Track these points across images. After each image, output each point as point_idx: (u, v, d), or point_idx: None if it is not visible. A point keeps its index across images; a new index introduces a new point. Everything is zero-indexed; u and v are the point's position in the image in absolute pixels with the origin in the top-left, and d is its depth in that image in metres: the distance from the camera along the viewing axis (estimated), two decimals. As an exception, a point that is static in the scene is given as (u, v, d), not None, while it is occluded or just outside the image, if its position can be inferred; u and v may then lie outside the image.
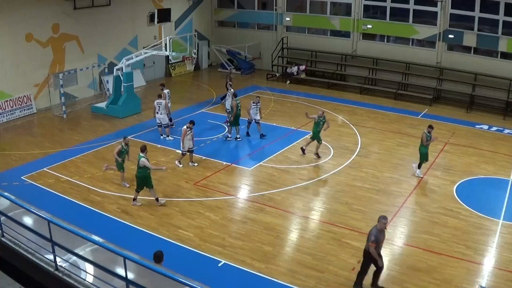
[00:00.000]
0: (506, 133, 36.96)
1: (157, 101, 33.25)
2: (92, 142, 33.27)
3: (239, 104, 33.36)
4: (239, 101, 33.59)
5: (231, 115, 33.25)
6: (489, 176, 29.17)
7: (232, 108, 32.87)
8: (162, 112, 33.40)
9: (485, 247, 21.89)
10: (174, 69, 53.35)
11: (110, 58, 45.76)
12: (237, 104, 33.11)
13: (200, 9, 56.24)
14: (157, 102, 33.18)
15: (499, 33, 42.35)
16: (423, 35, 46.68)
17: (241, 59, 55.31)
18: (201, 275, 17.81)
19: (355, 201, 25.83)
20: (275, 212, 24.51)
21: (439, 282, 19.32)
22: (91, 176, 28.15)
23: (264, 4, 56.22)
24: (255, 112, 33.92)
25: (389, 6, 47.74)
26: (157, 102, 33.20)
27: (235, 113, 32.97)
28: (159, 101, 33.17)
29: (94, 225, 21.60)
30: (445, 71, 45.52)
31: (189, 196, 26.03)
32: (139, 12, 48.08)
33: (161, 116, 33.59)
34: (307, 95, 45.77)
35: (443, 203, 25.74)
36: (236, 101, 33.25)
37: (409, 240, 22.55)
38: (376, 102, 44.11)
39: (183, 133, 29.24)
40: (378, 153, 32.11)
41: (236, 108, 32.94)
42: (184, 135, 29.16)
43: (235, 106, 32.94)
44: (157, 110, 33.21)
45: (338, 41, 51.74)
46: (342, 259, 20.79)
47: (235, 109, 32.84)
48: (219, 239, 22.01)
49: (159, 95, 33.80)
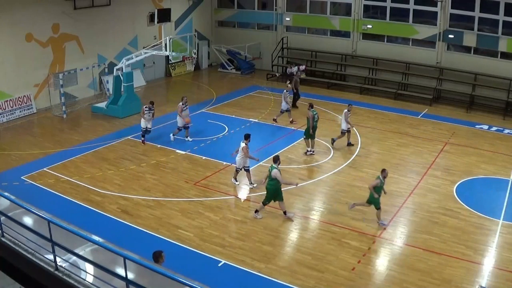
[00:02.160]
0: (506, 133, 36.97)
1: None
2: (92, 142, 33.27)
3: (316, 116, 31.58)
4: (316, 112, 31.74)
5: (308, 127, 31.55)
6: (489, 176, 29.18)
7: (308, 120, 31.25)
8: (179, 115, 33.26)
9: (485, 247, 21.89)
10: (174, 69, 53.34)
11: (110, 58, 45.77)
12: (313, 115, 31.22)
13: (200, 9, 56.22)
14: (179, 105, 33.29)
15: (499, 33, 42.38)
16: (423, 35, 46.68)
17: (241, 59, 55.30)
18: (201, 275, 17.83)
19: (355, 201, 25.76)
20: (275, 212, 24.47)
21: (438, 282, 19.33)
22: (91, 176, 28.14)
23: (264, 4, 56.25)
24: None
25: (389, 6, 47.76)
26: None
27: (312, 125, 31.25)
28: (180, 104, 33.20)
29: (94, 225, 21.61)
30: (445, 71, 45.55)
31: (189, 196, 26.04)
32: (139, 12, 48.08)
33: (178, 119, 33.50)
34: (307, 95, 45.67)
35: (443, 203, 25.75)
36: (312, 112, 31.37)
37: (409, 240, 22.55)
38: (376, 102, 44.13)
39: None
40: (378, 153, 32.12)
41: (313, 120, 31.13)
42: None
43: (312, 117, 31.02)
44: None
45: (338, 41, 51.75)
46: (342, 259, 20.80)
47: (312, 121, 31.10)
48: (219, 239, 22.02)
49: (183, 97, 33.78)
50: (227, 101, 43.41)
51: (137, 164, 29.83)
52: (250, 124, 37.14)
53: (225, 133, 35.25)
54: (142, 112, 32.23)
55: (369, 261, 20.85)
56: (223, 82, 52.19)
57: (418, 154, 32.40)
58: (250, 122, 37.55)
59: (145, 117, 31.77)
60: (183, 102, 32.69)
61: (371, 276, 20.01)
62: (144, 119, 32.21)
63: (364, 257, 21.03)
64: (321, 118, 37.16)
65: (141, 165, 29.72)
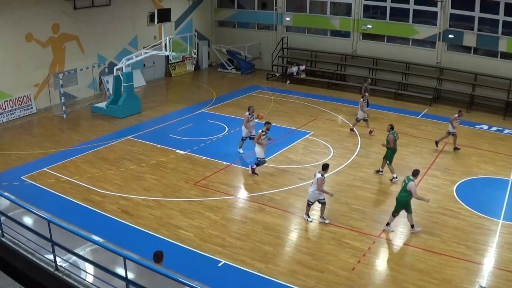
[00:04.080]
0: (506, 133, 37.00)
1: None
2: (92, 142, 33.26)
3: (397, 137, 29.00)
4: (396, 134, 29.00)
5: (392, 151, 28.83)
6: (489, 176, 29.19)
7: (389, 142, 28.54)
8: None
9: (485, 247, 21.90)
10: (174, 69, 53.33)
11: (110, 58, 45.75)
12: (394, 138, 28.60)
13: (200, 9, 56.23)
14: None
15: (499, 33, 42.41)
16: (423, 35, 46.70)
17: (241, 59, 55.33)
18: (201, 275, 17.85)
19: (355, 201, 25.86)
20: (275, 212, 24.55)
21: (438, 282, 19.34)
22: (91, 176, 28.13)
23: (264, 4, 56.21)
24: None
25: (389, 6, 47.80)
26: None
27: (392, 147, 28.67)
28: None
29: (94, 225, 21.61)
30: (445, 71, 45.60)
31: (189, 196, 26.03)
32: (139, 12, 48.07)
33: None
34: (307, 95, 45.81)
35: (443, 203, 25.77)
36: (393, 134, 28.63)
37: (409, 240, 22.55)
38: (376, 102, 43.99)
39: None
40: (378, 153, 32.00)
41: (394, 143, 28.64)
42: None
43: (393, 141, 28.49)
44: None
45: (338, 41, 51.80)
46: (342, 259, 20.81)
47: (392, 143, 28.52)
48: (219, 239, 22.01)
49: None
50: (227, 101, 43.40)
51: (137, 164, 29.83)
52: (250, 124, 37.10)
53: (225, 133, 35.24)
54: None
55: (369, 261, 20.84)
56: (223, 82, 52.20)
57: (418, 154, 32.41)
58: (250, 122, 37.51)
59: (250, 125, 31.06)
60: (250, 112, 31.51)
61: (371, 276, 20.02)
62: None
63: (364, 257, 21.03)
64: (321, 118, 37.31)
65: (141, 165, 29.71)
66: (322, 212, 23.85)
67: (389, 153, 28.57)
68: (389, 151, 28.55)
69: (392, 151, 28.52)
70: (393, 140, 28.29)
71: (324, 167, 23.49)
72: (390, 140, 28.25)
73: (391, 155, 28.59)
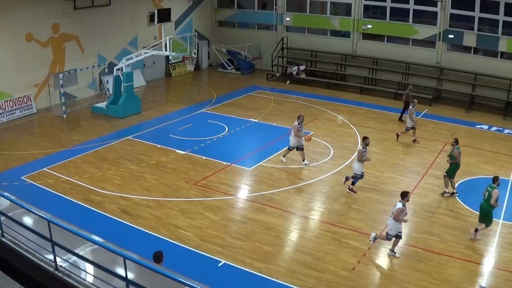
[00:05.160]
0: (506, 133, 36.98)
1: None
2: (92, 142, 33.26)
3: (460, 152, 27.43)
4: (460, 149, 27.35)
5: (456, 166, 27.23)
6: (489, 176, 29.05)
7: (455, 157, 26.88)
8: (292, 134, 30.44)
9: (485, 247, 21.91)
10: (174, 69, 53.30)
11: (110, 58, 45.74)
12: (460, 153, 27.07)
13: (200, 9, 56.20)
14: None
15: (499, 33, 42.41)
16: (423, 35, 46.69)
17: (241, 59, 55.32)
18: (201, 275, 17.88)
19: (355, 201, 25.87)
20: (275, 212, 24.57)
21: (439, 282, 19.36)
22: (91, 176, 28.13)
23: (264, 4, 56.18)
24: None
25: (389, 6, 47.78)
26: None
27: (458, 162, 27.15)
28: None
29: (94, 225, 21.60)
30: (445, 71, 45.59)
31: (189, 196, 26.04)
32: (139, 12, 48.05)
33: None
34: (307, 95, 45.82)
35: (443, 203, 25.82)
36: (458, 149, 27.03)
37: (409, 240, 22.54)
38: (376, 102, 44.13)
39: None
40: (378, 153, 32.09)
41: (459, 157, 27.04)
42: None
43: (458, 155, 26.91)
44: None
45: (338, 41, 51.77)
46: (342, 259, 20.82)
47: (458, 158, 27.01)
48: (219, 239, 22.02)
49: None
50: (227, 101, 43.39)
51: (137, 164, 29.84)
52: (250, 124, 37.15)
53: (225, 133, 35.23)
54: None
55: (369, 261, 20.88)
56: (223, 82, 52.21)
57: (418, 154, 32.42)
58: (250, 122, 37.57)
59: (300, 134, 30.02)
60: (299, 122, 29.93)
61: (371, 276, 20.05)
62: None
63: (364, 257, 21.05)
64: (321, 118, 37.33)
65: (141, 165, 29.72)
66: (394, 246, 21.51)
67: (453, 168, 26.99)
68: (453, 166, 26.99)
69: (456, 166, 26.99)
70: (459, 155, 26.74)
71: (403, 195, 21.15)
72: (455, 155, 26.70)
73: (455, 170, 27.03)
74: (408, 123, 34.49)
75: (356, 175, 26.79)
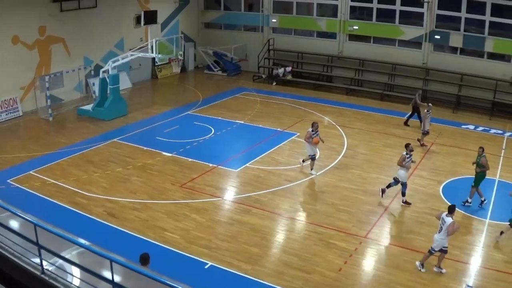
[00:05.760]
0: (492, 133, 37.24)
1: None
2: (78, 144, 33.14)
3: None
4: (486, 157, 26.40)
5: (483, 174, 26.16)
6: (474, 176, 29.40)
7: (483, 165, 25.87)
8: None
9: (471, 247, 22.04)
10: (161, 71, 53.21)
11: (96, 61, 45.59)
12: (487, 161, 26.10)
13: (186, 11, 56.15)
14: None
15: (485, 34, 42.67)
16: (409, 36, 46.89)
17: (227, 61, 55.32)
18: (188, 277, 17.90)
19: (341, 202, 25.93)
20: (261, 213, 24.57)
21: (426, 282, 19.46)
22: (77, 179, 28.05)
23: (251, 5, 56.29)
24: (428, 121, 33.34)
25: (376, 7, 48.01)
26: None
27: (487, 169, 26.17)
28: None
29: (80, 228, 21.52)
30: (432, 71, 45.84)
31: (175, 198, 26.02)
32: (126, 14, 47.91)
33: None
34: (293, 97, 45.89)
35: (429, 203, 25.92)
36: (484, 157, 26.07)
37: (396, 240, 22.69)
38: (362, 103, 44.27)
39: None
40: (364, 154, 32.22)
41: (487, 164, 25.99)
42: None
43: (486, 163, 25.93)
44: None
45: (324, 42, 51.91)
46: (328, 260, 20.87)
47: (487, 166, 26.00)
48: (206, 241, 22.01)
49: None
50: (213, 103, 43.39)
51: (123, 166, 29.79)
52: (236, 126, 37.17)
53: (211, 135, 35.21)
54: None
55: (355, 262, 20.91)
56: (209, 84, 52.18)
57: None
58: (236, 124, 37.58)
59: (310, 140, 29.04)
60: (314, 129, 29.09)
61: (358, 276, 20.09)
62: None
63: (350, 258, 21.10)
64: (307, 119, 37.37)
65: (127, 167, 29.68)
66: (439, 261, 20.42)
67: (480, 176, 26.02)
68: (480, 175, 26.02)
69: (483, 174, 26.01)
70: (487, 162, 25.81)
71: (451, 210, 20.28)
72: (484, 163, 25.77)
73: (481, 179, 26.05)
74: (426, 127, 34.23)
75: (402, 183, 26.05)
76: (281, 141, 34.22)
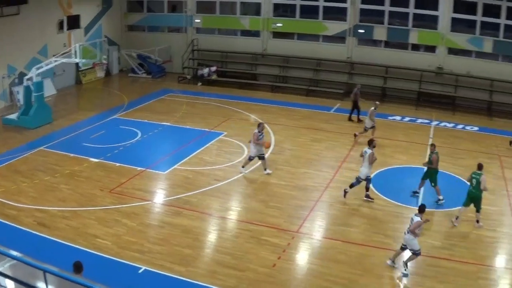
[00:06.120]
0: (418, 122, 38.23)
1: None
2: (4, 155, 32.48)
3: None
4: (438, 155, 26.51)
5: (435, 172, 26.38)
6: (403, 165, 29.85)
7: (432, 162, 26.04)
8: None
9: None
10: (85, 76, 52.53)
11: (20, 68, 44.78)
12: (438, 158, 26.21)
13: (109, 14, 55.54)
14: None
15: (409, 26, 43.61)
16: (333, 31, 47.51)
17: (152, 63, 55.07)
18: (122, 283, 17.92)
19: (271, 198, 26.12)
20: (192, 214, 24.56)
21: (361, 272, 19.83)
22: (5, 189, 27.50)
23: (174, 6, 56.06)
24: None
25: (299, 4, 48.54)
26: None
27: (436, 167, 26.28)
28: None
29: (11, 239, 21.21)
30: (356, 65, 46.43)
31: (104, 204, 25.77)
32: (49, 20, 47.16)
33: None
34: (219, 96, 45.95)
35: (359, 194, 26.24)
36: (436, 154, 26.22)
37: (328, 233, 23.01)
38: (288, 99, 44.59)
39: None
40: (292, 150, 32.50)
41: (437, 163, 26.20)
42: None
43: (436, 160, 26.07)
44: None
45: (249, 40, 52.21)
46: (261, 256, 21.04)
47: (436, 164, 26.15)
48: (138, 245, 21.90)
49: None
50: (139, 106, 43.10)
51: (51, 174, 29.37)
52: (162, 128, 37.03)
53: (138, 138, 34.98)
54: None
55: (289, 257, 21.14)
56: (134, 87, 51.83)
57: (332, 148, 32.97)
58: (162, 126, 37.40)
59: (260, 142, 28.98)
60: (259, 130, 29.03)
61: (292, 271, 20.30)
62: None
63: (284, 253, 21.28)
64: (233, 118, 37.52)
65: (55, 175, 29.27)
66: (409, 260, 20.32)
67: (433, 174, 26.23)
68: (432, 172, 26.24)
69: (436, 172, 26.24)
70: (437, 161, 26.03)
71: (421, 209, 20.46)
72: (434, 160, 25.99)
73: (435, 176, 26.22)
74: (367, 123, 34.45)
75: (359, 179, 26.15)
76: (209, 141, 34.23)
